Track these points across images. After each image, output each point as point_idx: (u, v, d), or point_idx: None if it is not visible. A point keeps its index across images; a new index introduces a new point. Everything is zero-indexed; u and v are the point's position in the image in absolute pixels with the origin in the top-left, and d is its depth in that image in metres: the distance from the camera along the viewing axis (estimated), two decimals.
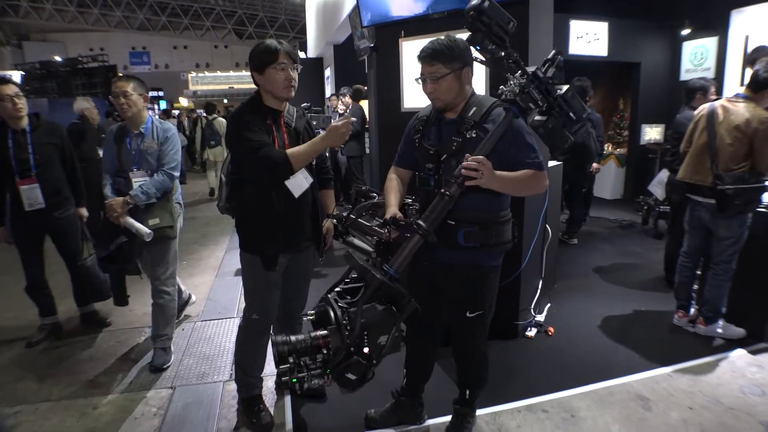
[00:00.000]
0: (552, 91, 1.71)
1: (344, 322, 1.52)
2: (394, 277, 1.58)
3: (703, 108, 3.05)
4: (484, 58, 1.73)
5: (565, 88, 1.74)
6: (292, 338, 1.52)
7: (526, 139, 1.81)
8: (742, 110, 2.82)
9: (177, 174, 2.82)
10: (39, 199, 3.06)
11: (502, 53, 1.70)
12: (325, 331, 1.54)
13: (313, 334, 1.53)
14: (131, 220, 2.61)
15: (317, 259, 2.43)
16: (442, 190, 1.68)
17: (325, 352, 1.51)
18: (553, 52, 1.75)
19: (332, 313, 1.55)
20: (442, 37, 1.84)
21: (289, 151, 1.99)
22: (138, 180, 2.71)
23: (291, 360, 1.48)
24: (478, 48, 1.70)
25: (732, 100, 2.93)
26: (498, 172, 1.71)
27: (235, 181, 2.19)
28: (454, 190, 1.68)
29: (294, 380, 1.46)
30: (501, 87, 1.80)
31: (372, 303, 1.61)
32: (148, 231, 2.59)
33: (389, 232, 1.92)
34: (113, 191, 2.72)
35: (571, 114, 1.73)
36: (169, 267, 2.90)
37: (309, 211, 2.23)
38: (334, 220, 2.47)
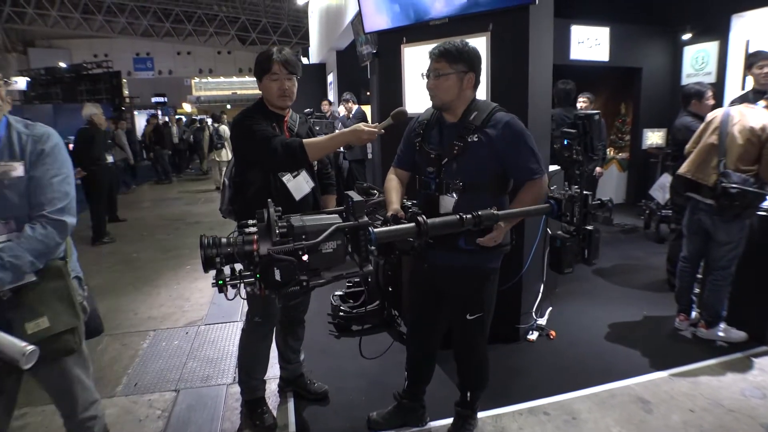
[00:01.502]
0: (582, 221, 1.79)
1: (280, 224, 1.36)
2: (370, 238, 1.51)
3: (717, 111, 3.05)
4: (564, 153, 1.79)
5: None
6: (223, 240, 1.36)
7: (528, 144, 1.85)
8: (759, 116, 2.83)
9: (72, 220, 1.54)
10: None
11: (580, 159, 1.75)
12: (255, 228, 1.39)
13: (245, 236, 1.38)
14: None
15: None
16: (463, 215, 1.57)
17: (256, 256, 1.34)
18: (608, 199, 1.86)
19: (266, 213, 1.40)
20: (458, 40, 1.89)
21: (305, 140, 2.04)
22: None
23: (218, 261, 1.33)
24: (566, 142, 1.74)
25: (749, 106, 2.95)
26: (505, 215, 1.69)
27: (238, 185, 2.23)
28: (471, 226, 1.60)
29: (220, 282, 1.31)
30: (555, 186, 1.85)
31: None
32: (28, 348, 1.30)
33: None
34: None
35: (587, 252, 1.79)
36: (81, 393, 1.69)
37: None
38: None
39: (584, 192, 1.76)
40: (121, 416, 2.49)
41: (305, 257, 1.35)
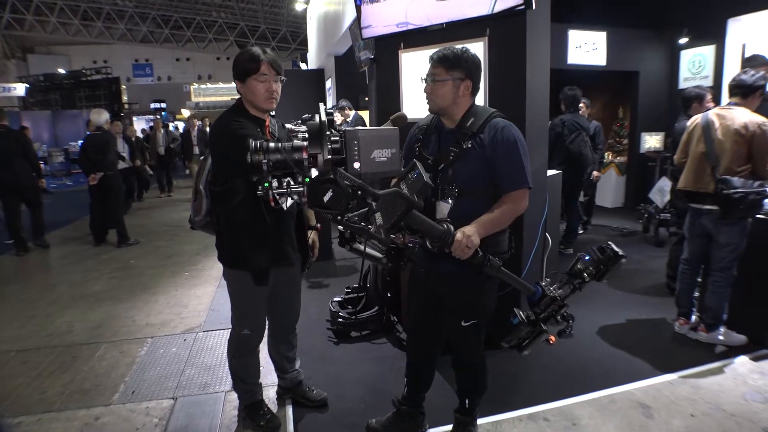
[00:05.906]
0: (544, 319, 1.79)
1: (333, 132, 1.34)
2: (412, 201, 1.49)
3: (696, 118, 3.09)
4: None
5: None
6: (271, 145, 1.34)
7: (517, 153, 1.83)
8: (737, 115, 2.87)
9: None
10: None
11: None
12: (304, 127, 1.39)
13: (295, 143, 1.35)
14: None
15: (303, 272, 2.40)
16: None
17: (307, 163, 1.34)
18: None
19: (318, 118, 1.37)
20: (459, 46, 1.89)
21: None
22: None
23: (264, 165, 1.31)
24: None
25: (725, 108, 2.98)
26: (480, 225, 1.74)
27: (217, 194, 2.06)
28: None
29: (266, 184, 1.30)
30: (540, 282, 1.82)
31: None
32: None
33: (403, 237, 1.92)
34: None
35: (525, 342, 1.79)
36: None
37: (294, 223, 2.23)
38: (340, 227, 2.46)
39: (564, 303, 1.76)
40: (117, 424, 2.48)
41: (357, 165, 1.33)
